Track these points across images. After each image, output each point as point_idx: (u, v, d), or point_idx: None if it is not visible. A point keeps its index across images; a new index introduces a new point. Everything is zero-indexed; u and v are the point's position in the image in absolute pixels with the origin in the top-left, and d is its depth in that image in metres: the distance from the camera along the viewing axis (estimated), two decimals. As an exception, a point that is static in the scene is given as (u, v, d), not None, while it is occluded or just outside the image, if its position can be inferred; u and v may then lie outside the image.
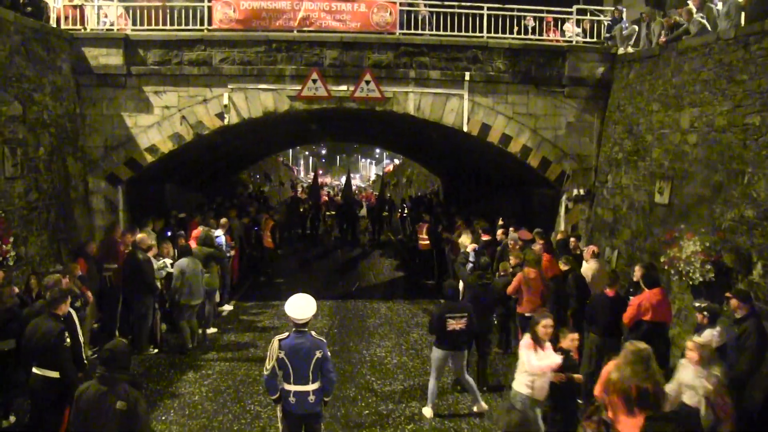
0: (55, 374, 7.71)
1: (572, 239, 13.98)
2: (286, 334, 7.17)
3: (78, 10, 14.99)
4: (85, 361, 8.78)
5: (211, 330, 13.77)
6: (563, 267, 11.83)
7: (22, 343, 8.12)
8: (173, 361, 12.05)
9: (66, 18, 14.81)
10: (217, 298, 14.67)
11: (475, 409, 9.80)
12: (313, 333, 7.23)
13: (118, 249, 13.14)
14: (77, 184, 14.30)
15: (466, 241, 15.07)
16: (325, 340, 7.32)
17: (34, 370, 7.75)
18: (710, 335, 8.25)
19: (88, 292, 11.16)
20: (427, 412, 9.73)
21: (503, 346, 12.94)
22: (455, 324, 9.52)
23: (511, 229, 15.49)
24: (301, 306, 7.18)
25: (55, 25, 14.30)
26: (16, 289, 9.39)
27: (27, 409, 8.64)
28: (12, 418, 9.08)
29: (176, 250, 13.33)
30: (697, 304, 9.27)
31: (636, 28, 15.08)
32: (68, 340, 7.81)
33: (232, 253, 16.22)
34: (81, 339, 8.76)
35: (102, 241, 13.68)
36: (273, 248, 19.79)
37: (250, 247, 19.25)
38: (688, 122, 11.89)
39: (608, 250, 14.24)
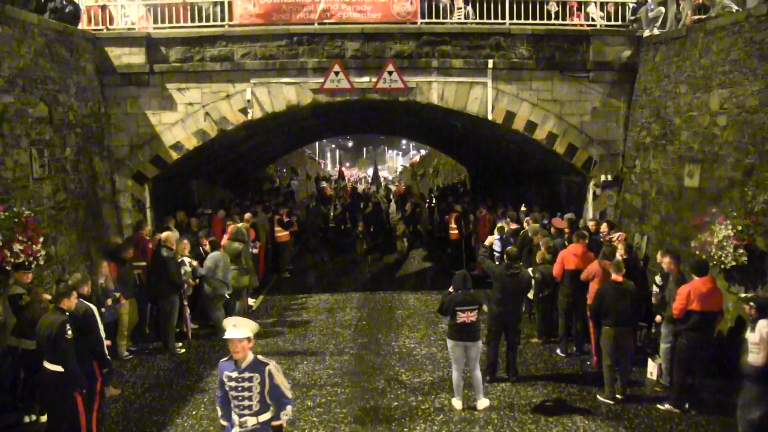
0: (60, 368, 7.83)
1: (603, 225, 13.73)
2: (263, 356, 6.66)
3: (102, 10, 15.04)
4: (108, 357, 8.89)
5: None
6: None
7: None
8: (202, 356, 12.14)
9: (90, 19, 14.88)
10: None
11: (477, 405, 9.66)
12: None
13: (146, 246, 13.26)
14: (104, 183, 14.42)
15: (497, 228, 15.07)
16: None
17: (44, 364, 7.89)
18: (765, 326, 7.90)
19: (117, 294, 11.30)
20: (457, 403, 9.68)
21: (542, 335, 12.83)
22: (465, 317, 9.46)
23: (527, 219, 15.40)
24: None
25: (78, 26, 14.38)
26: (48, 296, 9.47)
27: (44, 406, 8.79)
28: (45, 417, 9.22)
29: (201, 248, 13.44)
30: (743, 296, 8.95)
31: (662, 9, 14.78)
32: (69, 332, 7.85)
33: (255, 251, 16.20)
34: (102, 335, 8.83)
35: (128, 238, 13.81)
36: (288, 241, 19.52)
37: (271, 242, 19.17)
38: (718, 104, 11.63)
39: (637, 236, 14.03)
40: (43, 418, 9.16)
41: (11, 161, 10.69)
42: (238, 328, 6.43)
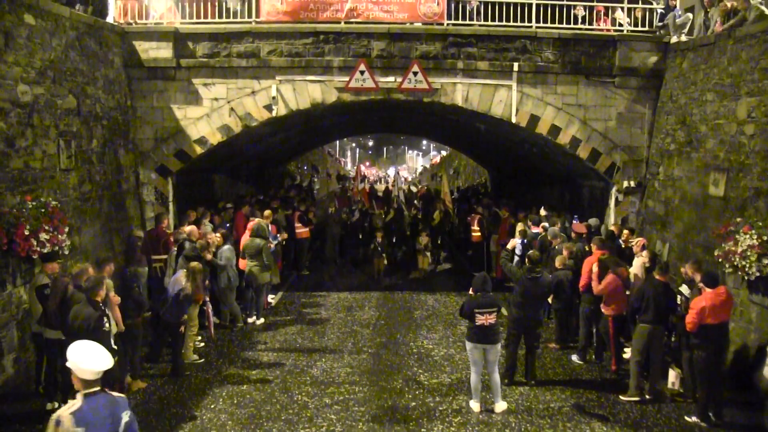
0: None
1: (625, 232, 13.65)
2: (76, 403, 5.00)
3: (137, 3, 15.13)
4: (115, 347, 8.96)
5: (260, 321, 13.91)
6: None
7: (65, 329, 8.43)
8: (222, 350, 12.21)
9: (124, 13, 14.95)
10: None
11: (495, 408, 9.62)
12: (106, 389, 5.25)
13: (168, 240, 13.35)
14: (128, 175, 14.55)
15: (519, 232, 15.02)
16: (125, 396, 5.55)
17: None
18: None
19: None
20: (475, 406, 9.66)
21: (561, 341, 12.73)
22: (484, 319, 9.45)
23: (544, 223, 15.35)
24: (96, 353, 5.16)
25: (108, 20, 14.51)
26: (71, 287, 9.58)
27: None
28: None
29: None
30: None
31: (690, 16, 14.69)
32: (107, 324, 8.15)
33: (283, 236, 16.18)
34: (109, 327, 8.89)
35: (149, 231, 13.92)
36: (309, 237, 19.51)
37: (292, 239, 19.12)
38: (746, 112, 11.52)
39: (659, 244, 13.94)
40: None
41: (40, 152, 10.83)
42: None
